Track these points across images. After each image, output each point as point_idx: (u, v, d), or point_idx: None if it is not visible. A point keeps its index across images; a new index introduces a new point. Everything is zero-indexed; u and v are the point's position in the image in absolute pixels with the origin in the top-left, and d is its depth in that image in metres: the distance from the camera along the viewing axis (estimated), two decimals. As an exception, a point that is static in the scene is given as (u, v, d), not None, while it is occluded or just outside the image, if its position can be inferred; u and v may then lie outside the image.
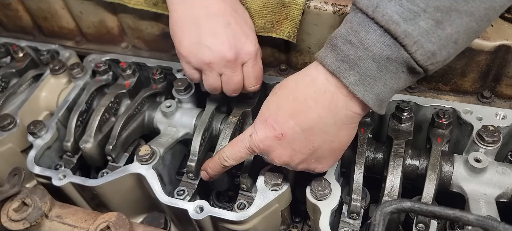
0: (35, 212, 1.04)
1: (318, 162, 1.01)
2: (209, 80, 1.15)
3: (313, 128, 0.92)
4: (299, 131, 0.93)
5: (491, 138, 1.10)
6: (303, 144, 0.95)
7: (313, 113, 0.91)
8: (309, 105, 0.91)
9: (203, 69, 1.14)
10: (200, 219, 1.11)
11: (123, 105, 1.45)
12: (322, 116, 0.90)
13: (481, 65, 1.23)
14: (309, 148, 0.96)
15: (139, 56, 1.58)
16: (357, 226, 1.14)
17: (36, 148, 1.34)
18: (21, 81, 1.55)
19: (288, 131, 0.94)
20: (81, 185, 1.25)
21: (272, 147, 0.98)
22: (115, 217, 0.99)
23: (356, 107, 0.89)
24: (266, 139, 0.97)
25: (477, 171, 1.08)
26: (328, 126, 0.92)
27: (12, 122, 1.39)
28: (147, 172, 1.22)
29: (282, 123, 0.94)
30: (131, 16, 1.52)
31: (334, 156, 1.01)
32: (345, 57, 0.84)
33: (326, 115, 0.90)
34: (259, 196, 1.12)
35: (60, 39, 1.75)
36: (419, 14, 0.76)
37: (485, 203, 1.05)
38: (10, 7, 1.71)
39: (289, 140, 0.95)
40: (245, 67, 1.15)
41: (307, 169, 1.03)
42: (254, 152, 1.02)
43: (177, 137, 1.34)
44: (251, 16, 1.26)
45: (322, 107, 0.90)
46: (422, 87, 1.35)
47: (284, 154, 0.98)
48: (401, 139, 1.15)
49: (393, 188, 1.09)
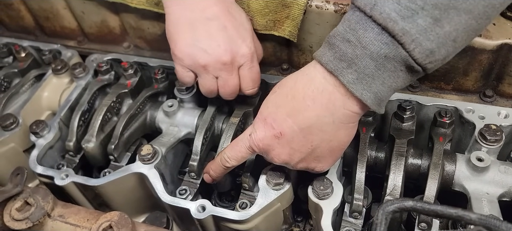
0: (37, 211, 1.04)
1: (318, 161, 1.01)
2: (205, 83, 1.15)
3: (311, 127, 0.92)
4: (298, 130, 0.93)
5: (493, 137, 1.10)
6: (301, 142, 0.95)
7: (311, 112, 0.91)
8: (307, 104, 0.91)
9: (199, 72, 1.14)
10: (202, 218, 1.11)
11: (125, 105, 1.45)
12: (320, 115, 0.90)
13: (483, 64, 1.23)
14: (308, 147, 0.96)
15: (141, 55, 1.59)
16: (359, 226, 1.14)
17: (39, 148, 1.34)
18: (23, 81, 1.55)
19: (287, 129, 0.94)
20: (84, 184, 1.25)
21: (271, 146, 0.98)
22: (117, 216, 1.00)
23: (354, 106, 0.88)
24: (265, 138, 0.97)
25: (480, 170, 1.07)
26: (326, 125, 0.91)
27: (14, 121, 1.39)
28: (149, 172, 1.22)
29: (281, 122, 0.94)
30: (133, 15, 1.52)
31: (334, 155, 1.01)
32: (342, 55, 0.84)
33: (324, 114, 0.90)
34: (261, 195, 1.12)
35: (62, 39, 1.75)
36: (417, 11, 0.76)
37: (488, 202, 1.04)
38: (12, 7, 1.72)
39: (288, 139, 0.95)
40: (241, 70, 1.15)
41: (307, 168, 1.03)
42: (254, 151, 1.02)
43: (179, 137, 1.34)
44: (252, 15, 1.26)
45: (320, 106, 0.89)
46: (424, 86, 1.34)
47: (283, 153, 0.98)
48: (403, 138, 1.15)
49: (395, 187, 1.08)
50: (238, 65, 1.14)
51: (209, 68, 1.11)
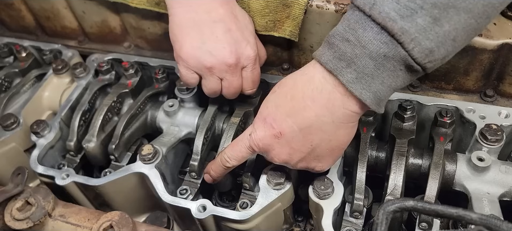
0: (38, 211, 1.04)
1: (318, 161, 1.01)
2: (209, 84, 1.15)
3: (311, 127, 0.92)
4: (297, 130, 0.93)
5: (494, 136, 1.10)
6: (301, 142, 0.95)
7: (310, 112, 0.90)
8: (306, 104, 0.90)
9: (203, 73, 1.14)
10: (203, 218, 1.11)
11: (125, 104, 1.46)
12: (319, 114, 0.90)
13: (484, 64, 1.22)
14: (308, 146, 0.96)
15: (142, 55, 1.59)
16: (360, 225, 1.14)
17: (39, 148, 1.34)
18: (24, 81, 1.55)
19: (286, 129, 0.94)
20: (84, 184, 1.25)
21: (271, 145, 0.98)
22: (118, 216, 1.00)
23: (353, 106, 0.88)
24: (265, 138, 0.97)
25: (480, 169, 1.07)
26: (326, 125, 0.91)
27: (15, 121, 1.40)
28: (150, 171, 1.22)
29: (280, 122, 0.94)
30: (133, 15, 1.52)
31: (333, 155, 1.01)
32: (342, 55, 0.84)
33: (323, 114, 0.90)
34: (262, 195, 1.12)
35: (63, 39, 1.75)
36: (416, 11, 0.75)
37: (488, 202, 1.04)
38: (13, 7, 1.72)
39: (288, 139, 0.95)
40: (244, 71, 1.16)
41: (307, 168, 1.03)
42: (254, 151, 1.02)
43: (179, 136, 1.34)
44: (253, 15, 1.26)
45: (319, 106, 0.89)
46: (424, 86, 1.34)
47: (283, 153, 0.98)
48: (403, 137, 1.15)
49: (396, 187, 1.08)
50: (242, 67, 1.14)
51: (214, 70, 1.11)
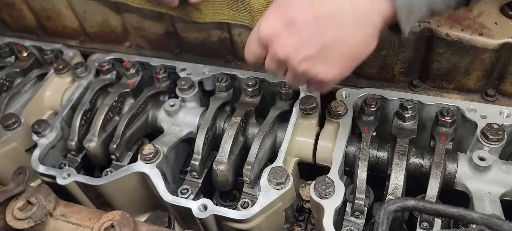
0: (39, 210, 1.04)
1: (324, 65, 0.90)
2: None
3: (328, 18, 0.85)
4: (312, 19, 0.86)
5: (495, 136, 1.10)
6: (313, 34, 0.87)
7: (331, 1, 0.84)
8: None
9: None
10: (204, 217, 1.11)
11: (126, 104, 1.46)
12: (341, 6, 0.83)
13: (485, 63, 1.22)
14: (319, 42, 0.87)
15: (143, 55, 1.59)
16: (361, 225, 1.14)
17: (41, 147, 1.34)
18: (25, 81, 1.55)
19: (301, 16, 0.86)
20: (85, 184, 1.25)
21: (279, 34, 0.90)
22: (119, 215, 1.00)
23: (381, 5, 0.81)
24: (275, 23, 0.90)
25: (481, 169, 1.07)
26: (345, 20, 0.84)
27: (16, 121, 1.40)
28: (151, 171, 1.22)
29: (297, 7, 0.87)
30: (134, 15, 1.52)
31: (343, 62, 0.90)
32: None
33: (345, 7, 0.83)
34: (263, 195, 1.12)
35: (64, 39, 1.76)
36: None
37: (490, 201, 1.04)
38: (14, 7, 1.72)
39: (300, 27, 0.87)
40: None
41: (309, 72, 0.92)
42: (262, 43, 0.94)
43: (180, 136, 1.34)
44: (254, 14, 1.26)
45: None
46: (425, 85, 1.34)
47: (289, 44, 0.89)
48: (405, 137, 1.15)
49: (397, 186, 1.08)
50: None
51: None
